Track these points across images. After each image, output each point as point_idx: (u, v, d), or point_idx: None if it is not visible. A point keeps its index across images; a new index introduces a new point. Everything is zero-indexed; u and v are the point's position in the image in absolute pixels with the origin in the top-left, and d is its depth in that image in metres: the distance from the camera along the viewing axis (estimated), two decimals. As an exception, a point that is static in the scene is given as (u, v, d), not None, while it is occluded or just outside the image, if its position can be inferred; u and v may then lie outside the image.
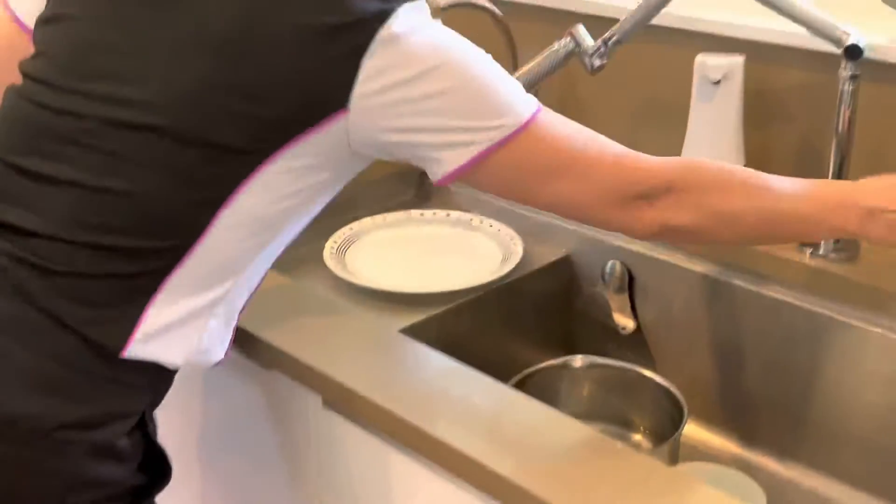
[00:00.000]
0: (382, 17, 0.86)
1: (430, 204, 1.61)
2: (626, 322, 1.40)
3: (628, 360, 1.33)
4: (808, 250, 1.21)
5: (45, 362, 0.89)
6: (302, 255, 1.42)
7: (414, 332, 1.23)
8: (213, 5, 0.90)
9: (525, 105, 0.91)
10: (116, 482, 0.95)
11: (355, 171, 0.99)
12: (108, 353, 0.90)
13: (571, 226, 1.42)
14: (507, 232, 1.45)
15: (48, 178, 0.90)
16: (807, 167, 1.28)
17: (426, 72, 0.87)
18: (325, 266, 1.38)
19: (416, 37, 0.88)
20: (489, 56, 0.93)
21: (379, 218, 1.51)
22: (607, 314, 1.41)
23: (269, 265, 1.03)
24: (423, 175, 1.57)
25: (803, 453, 1.27)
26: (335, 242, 1.43)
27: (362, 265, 1.40)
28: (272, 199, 0.93)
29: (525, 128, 0.90)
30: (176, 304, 0.93)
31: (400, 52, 0.87)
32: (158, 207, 0.90)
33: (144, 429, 0.99)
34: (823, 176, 1.22)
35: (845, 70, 1.17)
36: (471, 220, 1.50)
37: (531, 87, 1.25)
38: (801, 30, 1.20)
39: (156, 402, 1.02)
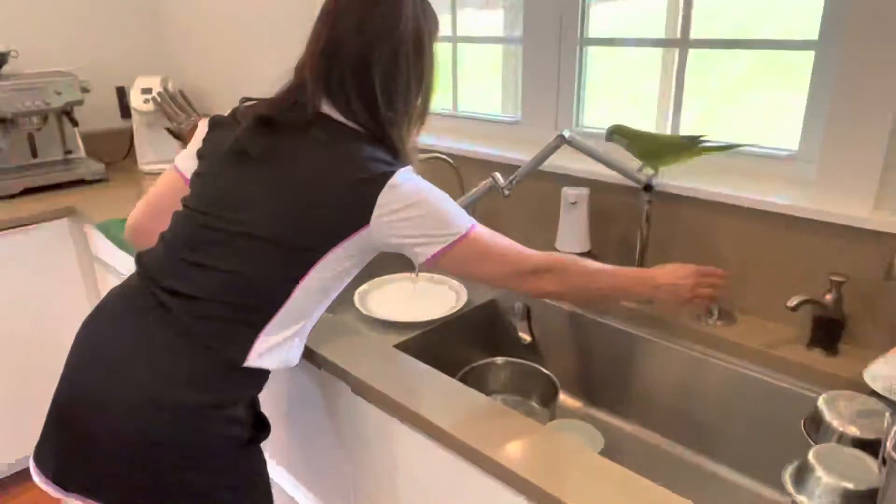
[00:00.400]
0: (389, 174, 0.87)
1: (415, 270, 1.57)
2: (526, 337, 1.39)
3: (528, 360, 1.30)
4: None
5: (199, 369, 0.88)
6: (341, 299, 1.44)
7: (402, 346, 1.22)
8: (293, 165, 0.89)
9: (466, 223, 0.92)
10: (240, 437, 0.94)
11: (372, 256, 0.96)
12: (234, 363, 0.90)
13: (495, 282, 1.45)
14: (458, 285, 1.45)
15: (200, 265, 0.90)
16: (624, 253, 1.30)
17: (410, 205, 0.88)
18: (354, 305, 1.37)
19: (406, 185, 0.88)
20: (445, 194, 0.93)
21: (387, 277, 1.50)
22: (516, 332, 1.40)
23: (323, 310, 1.00)
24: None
25: (630, 412, 1.27)
26: (361, 291, 1.42)
27: (376, 305, 1.38)
28: (329, 275, 0.91)
29: (465, 236, 0.91)
30: (275, 335, 0.92)
31: (397, 193, 0.87)
32: (263, 282, 0.89)
33: (254, 405, 0.99)
34: (633, 256, 1.24)
35: (644, 197, 1.20)
36: (438, 278, 1.49)
37: (471, 206, 1.24)
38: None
39: (260, 388, 0.99)
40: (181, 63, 2.49)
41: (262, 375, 0.95)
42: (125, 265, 1.71)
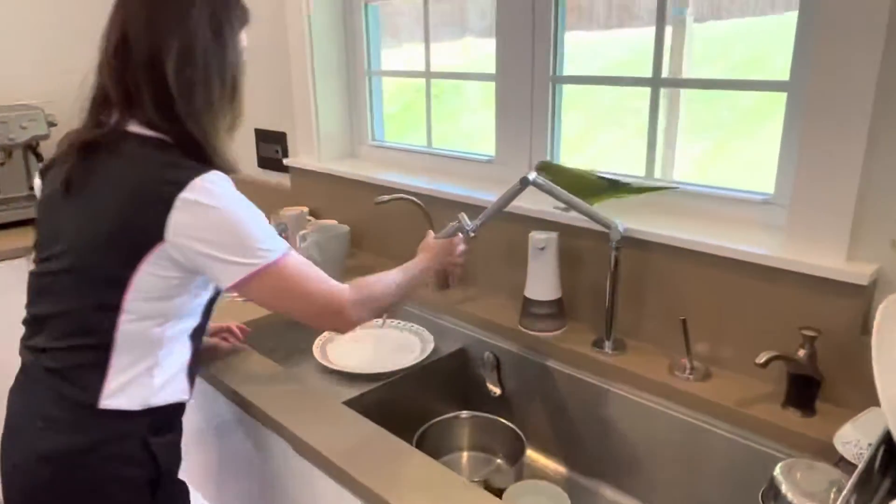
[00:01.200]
0: (183, 184, 0.85)
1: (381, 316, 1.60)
2: (495, 389, 1.39)
3: (496, 414, 1.29)
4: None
5: (62, 414, 0.91)
6: (301, 348, 1.46)
7: (359, 401, 1.23)
8: (97, 188, 0.90)
9: (276, 248, 0.91)
10: (138, 477, 0.95)
11: (193, 278, 0.93)
12: (88, 405, 0.91)
13: (465, 330, 1.44)
14: (425, 332, 1.46)
15: (39, 317, 0.95)
16: (595, 297, 1.31)
17: (210, 222, 0.87)
18: (313, 355, 1.38)
19: (205, 198, 0.86)
20: (257, 212, 0.92)
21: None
22: (485, 384, 1.41)
23: (191, 338, 1.00)
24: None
25: (602, 472, 1.26)
26: (323, 339, 1.43)
27: (338, 354, 1.39)
28: (149, 298, 0.90)
29: (273, 264, 0.91)
30: (124, 373, 0.92)
31: (194, 207, 0.86)
32: (86, 317, 0.90)
33: (147, 444, 0.96)
34: (603, 300, 1.24)
35: (613, 242, 1.20)
36: (403, 324, 1.50)
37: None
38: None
39: (154, 427, 0.97)
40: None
41: (130, 415, 0.94)
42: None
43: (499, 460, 1.30)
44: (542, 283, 1.32)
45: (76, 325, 0.92)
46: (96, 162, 0.92)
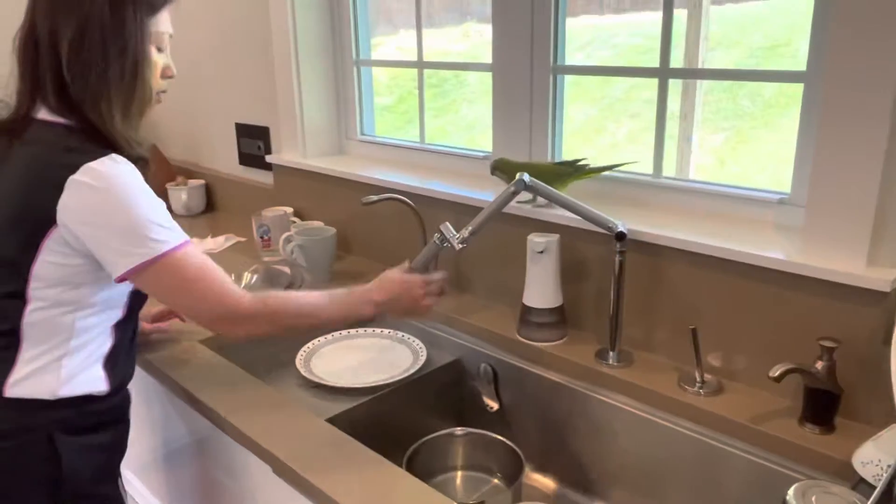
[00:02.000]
0: (74, 167, 0.90)
1: (370, 324, 1.56)
2: (492, 404, 1.39)
3: (494, 430, 1.29)
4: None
5: None
6: (283, 361, 1.44)
7: (345, 417, 1.22)
8: (5, 177, 0.96)
9: (172, 238, 0.94)
10: (45, 475, 0.98)
11: (96, 265, 0.97)
12: None
13: (459, 340, 1.44)
14: (416, 342, 1.45)
15: None
16: (599, 304, 1.31)
17: (99, 206, 0.90)
18: (295, 368, 1.37)
19: (97, 182, 0.90)
20: (153, 199, 0.95)
21: (337, 334, 1.50)
22: (481, 398, 1.40)
23: (114, 329, 1.03)
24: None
25: (605, 493, 1.26)
26: (306, 351, 1.43)
27: (322, 367, 1.38)
28: (53, 284, 0.94)
29: (166, 255, 0.93)
30: (32, 362, 0.96)
31: (84, 191, 0.90)
32: None
33: (53, 444, 0.98)
34: (607, 308, 1.24)
35: (617, 246, 1.20)
36: (393, 334, 1.49)
37: (426, 265, 1.28)
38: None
39: (62, 423, 0.99)
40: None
41: (37, 406, 0.97)
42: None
43: (496, 480, 1.29)
44: (541, 290, 1.31)
45: None
46: (6, 149, 0.98)
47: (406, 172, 1.71)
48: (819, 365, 1.02)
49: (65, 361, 0.99)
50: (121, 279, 0.95)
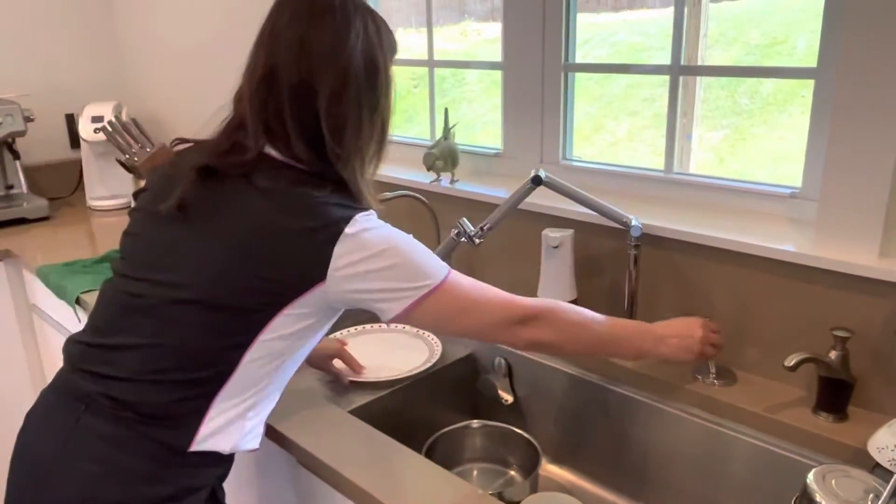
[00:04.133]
0: (345, 220, 0.87)
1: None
2: (507, 397, 1.41)
3: (509, 423, 1.30)
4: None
5: (137, 460, 0.87)
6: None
7: (364, 410, 1.24)
8: (231, 216, 0.89)
9: (439, 271, 0.92)
10: None
11: (333, 317, 0.97)
12: (177, 449, 0.89)
13: (474, 334, 1.48)
14: (432, 337, 1.47)
15: (121, 346, 0.90)
16: (613, 297, 1.33)
17: (374, 255, 0.87)
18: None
19: (367, 232, 0.88)
20: (414, 239, 0.93)
21: (352, 329, 1.52)
22: (496, 391, 1.42)
23: (286, 380, 1.00)
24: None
25: (620, 483, 1.27)
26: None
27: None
28: (281, 338, 0.90)
29: (440, 286, 0.91)
30: (224, 412, 0.91)
31: (357, 242, 0.87)
32: (200, 352, 0.88)
33: (215, 497, 0.99)
34: (621, 303, 1.26)
35: (631, 240, 1.22)
36: (411, 330, 1.50)
37: (447, 255, 1.29)
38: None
39: (222, 476, 1.00)
40: (136, 89, 2.56)
41: (217, 460, 0.93)
42: (65, 316, 1.75)
43: (512, 472, 1.31)
44: (556, 284, 1.33)
45: (188, 358, 0.88)
46: (225, 185, 0.91)
47: (417, 170, 1.73)
48: (833, 355, 1.04)
49: (250, 414, 0.94)
50: (396, 318, 0.91)
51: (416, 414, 1.35)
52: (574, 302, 1.34)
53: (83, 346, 0.94)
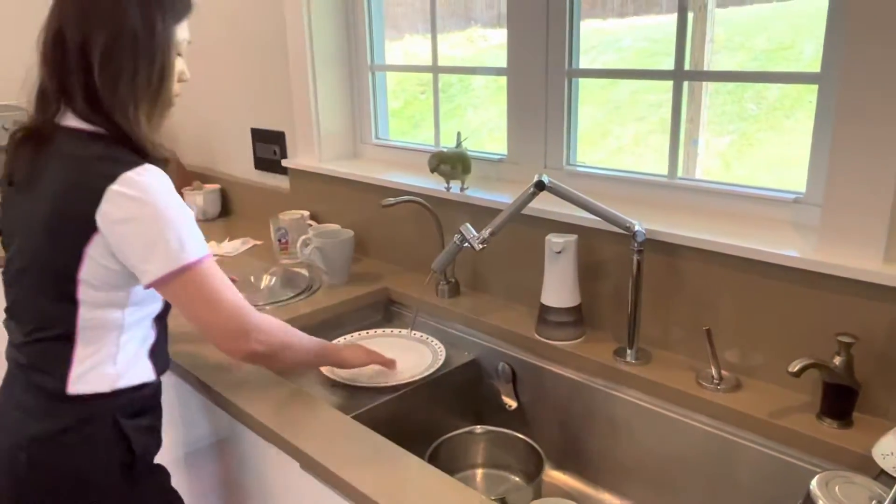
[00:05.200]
0: (113, 176, 0.94)
1: (390, 324, 1.63)
2: (511, 402, 1.41)
3: (512, 428, 1.30)
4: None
5: (33, 399, 1.03)
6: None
7: (366, 415, 1.24)
8: (37, 182, 0.99)
9: (196, 252, 0.99)
10: (116, 461, 1.05)
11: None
12: (57, 393, 1.01)
13: (478, 339, 1.46)
14: (435, 342, 1.47)
15: (9, 312, 1.07)
16: (617, 303, 1.33)
17: (133, 216, 0.95)
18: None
19: (132, 190, 0.94)
20: (185, 210, 0.99)
21: (356, 334, 1.52)
22: (500, 397, 1.43)
23: (155, 321, 1.10)
24: (386, 305, 1.66)
25: (625, 489, 1.28)
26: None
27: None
28: (99, 288, 1.00)
29: (190, 268, 0.98)
30: (88, 358, 1.02)
31: (120, 199, 0.94)
32: (45, 311, 1.01)
33: (119, 427, 1.05)
34: (624, 308, 1.26)
35: (635, 245, 1.21)
36: (413, 334, 1.51)
37: (446, 265, 1.32)
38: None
39: (124, 408, 1.06)
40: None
41: (100, 397, 1.03)
42: None
43: (516, 478, 1.31)
44: (559, 289, 1.33)
45: (39, 318, 1.02)
46: (36, 155, 1.01)
47: (421, 175, 1.73)
48: (837, 360, 1.04)
49: (118, 358, 1.05)
50: (148, 287, 1.00)
51: (420, 419, 1.35)
52: (577, 308, 1.34)
53: (5, 321, 1.09)
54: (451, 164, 1.53)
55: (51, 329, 1.02)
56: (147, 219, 0.95)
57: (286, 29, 1.90)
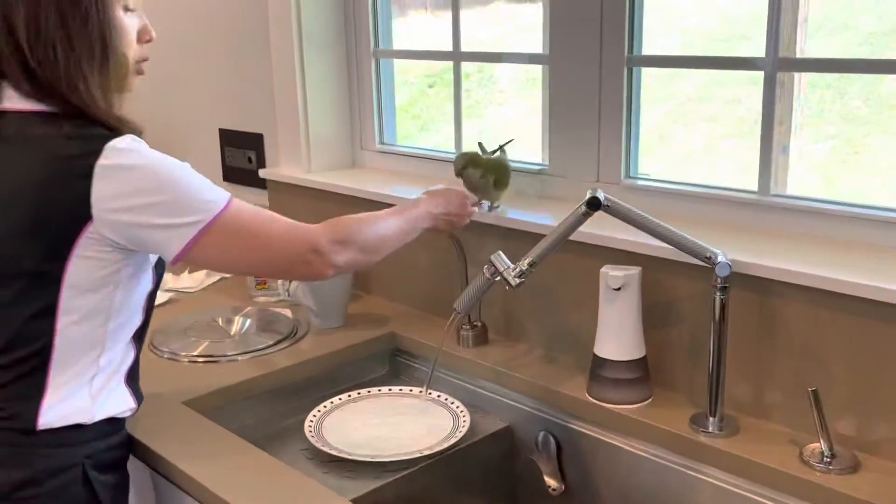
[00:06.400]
0: (97, 150, 1.01)
1: (398, 381, 1.63)
2: (555, 484, 1.39)
3: None
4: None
5: None
6: (288, 425, 1.46)
7: (365, 501, 1.23)
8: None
9: (219, 196, 1.08)
10: None
11: (139, 261, 1.11)
12: (26, 429, 1.05)
13: (511, 401, 1.46)
14: (457, 404, 1.46)
15: None
16: (694, 356, 1.32)
17: (139, 187, 1.02)
18: (304, 435, 1.38)
19: (128, 161, 1.02)
20: (186, 166, 1.08)
21: (354, 393, 1.51)
22: (541, 476, 1.40)
23: (134, 340, 1.17)
24: (392, 355, 1.65)
25: None
26: (316, 414, 1.43)
27: (337, 433, 1.39)
28: (86, 293, 1.05)
29: (222, 214, 1.07)
30: (65, 385, 1.07)
31: (118, 173, 1.02)
32: (15, 328, 1.05)
33: (88, 482, 1.10)
34: (704, 362, 1.25)
35: (717, 281, 1.20)
36: (428, 394, 1.49)
37: (478, 300, 1.36)
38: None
39: (93, 458, 1.11)
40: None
41: (74, 437, 1.09)
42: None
43: (563, 583, 1.30)
44: (618, 337, 1.33)
45: (6, 339, 1.06)
46: None
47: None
48: None
49: (95, 381, 1.11)
50: (178, 257, 1.07)
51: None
52: (642, 361, 1.34)
53: None
54: (484, 170, 1.50)
55: (20, 350, 1.06)
56: (153, 185, 1.03)
57: (267, 4, 1.92)
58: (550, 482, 1.40)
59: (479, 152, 1.55)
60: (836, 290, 1.15)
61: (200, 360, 1.55)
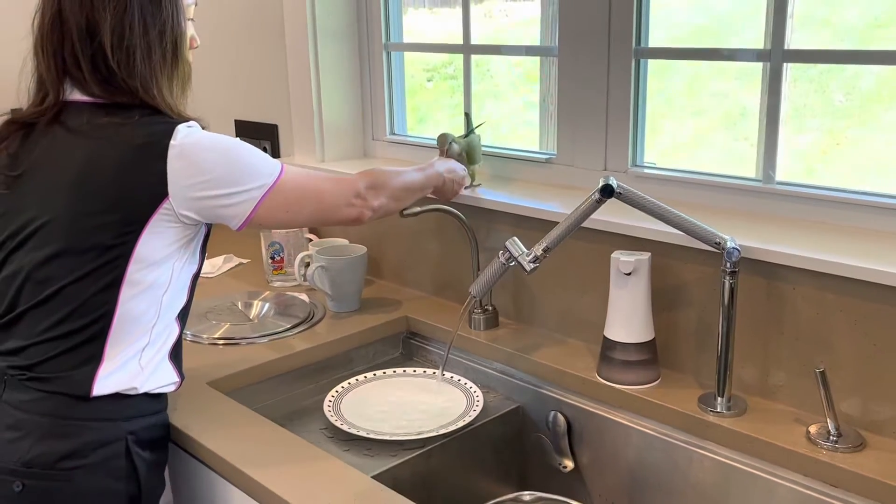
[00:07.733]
0: (169, 133, 1.08)
1: (411, 363, 1.62)
2: (566, 462, 1.39)
3: (569, 495, 1.29)
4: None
5: (42, 420, 1.08)
6: (307, 406, 1.46)
7: (388, 477, 1.22)
8: (57, 165, 1.10)
9: (274, 166, 1.18)
10: (120, 492, 1.13)
11: (196, 236, 1.18)
12: (79, 396, 1.09)
13: (523, 382, 1.45)
14: (470, 385, 1.45)
15: (12, 318, 1.11)
16: (702, 338, 1.31)
17: (207, 162, 1.10)
18: (322, 413, 1.37)
19: (194, 141, 1.10)
20: (241, 140, 1.17)
21: (370, 374, 1.50)
22: (552, 454, 1.41)
23: (178, 319, 1.20)
24: (405, 338, 1.64)
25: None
26: (334, 395, 1.42)
27: (355, 413, 1.38)
28: (151, 267, 1.11)
29: (280, 179, 1.17)
30: (119, 355, 1.11)
31: (187, 152, 1.09)
32: (79, 300, 1.08)
33: (131, 458, 1.13)
34: (712, 345, 1.24)
35: (726, 266, 1.19)
36: (442, 375, 1.48)
37: (488, 290, 1.35)
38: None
39: (137, 435, 1.14)
40: None
41: (122, 410, 1.13)
42: None
43: (575, 557, 1.29)
44: (628, 321, 1.32)
45: (68, 310, 1.09)
46: (44, 141, 1.13)
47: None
48: None
49: (145, 353, 1.15)
50: (246, 221, 1.16)
51: (453, 481, 1.34)
52: (651, 343, 1.32)
53: None
54: (460, 147, 1.60)
55: (82, 319, 1.09)
56: (220, 159, 1.11)
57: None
58: (561, 460, 1.40)
59: (464, 127, 1.63)
60: (841, 274, 1.14)
61: (221, 342, 1.54)
